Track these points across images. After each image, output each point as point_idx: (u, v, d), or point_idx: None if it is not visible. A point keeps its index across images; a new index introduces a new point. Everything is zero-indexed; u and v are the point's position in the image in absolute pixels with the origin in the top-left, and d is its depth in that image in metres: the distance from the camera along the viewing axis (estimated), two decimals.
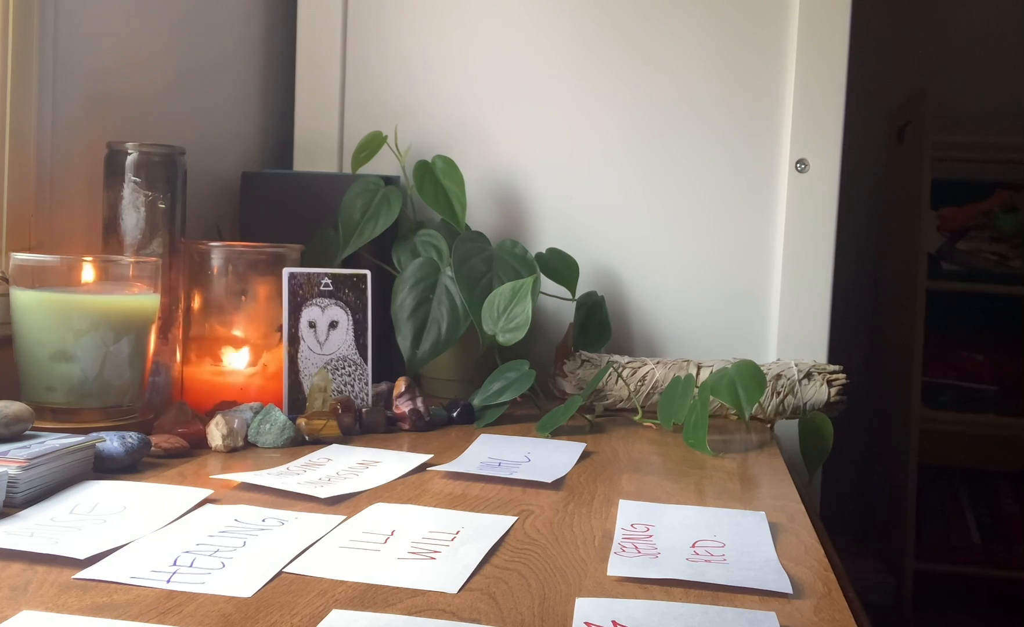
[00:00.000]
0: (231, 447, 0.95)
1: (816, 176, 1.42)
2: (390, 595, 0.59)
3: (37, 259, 0.96)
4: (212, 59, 1.42)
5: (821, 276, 1.42)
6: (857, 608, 0.66)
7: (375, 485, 0.85)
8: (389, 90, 1.51)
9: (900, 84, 2.53)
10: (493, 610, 0.58)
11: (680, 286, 1.47)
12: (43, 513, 0.71)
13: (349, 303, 1.11)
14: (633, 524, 0.76)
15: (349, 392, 1.10)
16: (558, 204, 1.48)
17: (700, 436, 1.05)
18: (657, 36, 1.46)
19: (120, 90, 1.20)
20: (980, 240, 2.40)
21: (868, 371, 2.45)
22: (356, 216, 1.31)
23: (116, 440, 0.84)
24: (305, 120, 1.52)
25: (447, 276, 1.28)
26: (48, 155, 1.07)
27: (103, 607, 0.55)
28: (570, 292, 1.37)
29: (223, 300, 1.12)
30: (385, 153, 1.41)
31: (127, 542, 0.66)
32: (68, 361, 0.92)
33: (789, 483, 0.94)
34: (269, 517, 0.73)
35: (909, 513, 2.25)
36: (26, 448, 0.77)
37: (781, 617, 0.58)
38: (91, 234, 1.12)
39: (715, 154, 1.46)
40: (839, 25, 1.41)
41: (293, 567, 0.63)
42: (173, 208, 1.08)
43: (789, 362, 1.25)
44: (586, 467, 0.97)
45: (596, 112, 1.47)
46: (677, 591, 0.62)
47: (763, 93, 1.44)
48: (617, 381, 1.24)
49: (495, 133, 1.49)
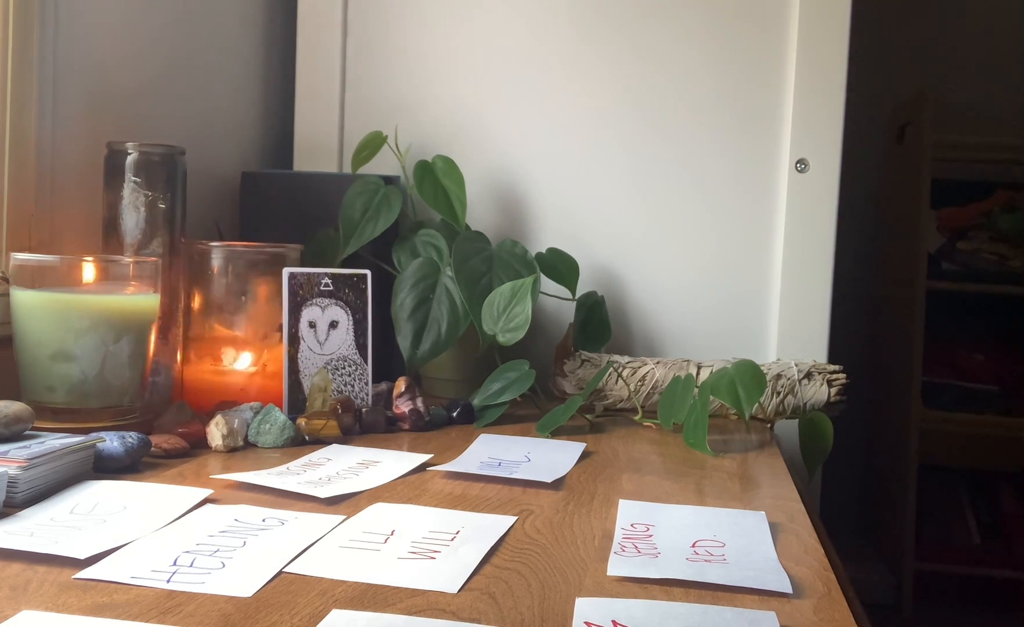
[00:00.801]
0: (231, 447, 0.95)
1: (816, 176, 1.42)
2: (390, 595, 0.59)
3: (37, 259, 0.96)
4: (212, 59, 1.42)
5: (821, 276, 1.42)
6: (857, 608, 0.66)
7: (375, 485, 0.85)
8: (389, 90, 1.51)
9: (900, 84, 2.52)
10: (493, 610, 0.58)
11: (680, 286, 1.47)
12: (43, 513, 0.71)
13: (349, 303, 1.11)
14: (633, 524, 0.76)
15: (349, 392, 1.10)
16: (558, 204, 1.49)
17: (700, 436, 1.05)
18: (657, 36, 1.46)
19: (120, 90, 1.20)
20: (980, 240, 2.40)
21: (868, 371, 2.45)
22: (356, 216, 1.31)
23: (116, 440, 0.84)
24: (305, 120, 1.52)
25: (447, 276, 1.28)
26: (48, 155, 1.07)
27: (103, 607, 0.55)
28: (570, 292, 1.37)
29: (223, 300, 1.12)
30: (385, 153, 1.41)
31: (127, 542, 0.66)
32: (68, 361, 0.92)
33: (789, 483, 0.94)
34: (269, 517, 0.73)
35: (909, 513, 2.25)
36: (26, 448, 0.77)
37: (781, 617, 0.58)
38: (91, 234, 1.12)
39: (715, 154, 1.46)
40: (839, 25, 1.41)
41: (293, 567, 0.63)
42: (173, 208, 1.08)
43: (789, 362, 1.25)
44: (586, 467, 0.97)
45: (596, 112, 1.47)
46: (677, 591, 0.62)
47: (763, 93, 1.44)
48: (617, 381, 1.24)
49: (495, 133, 1.49)
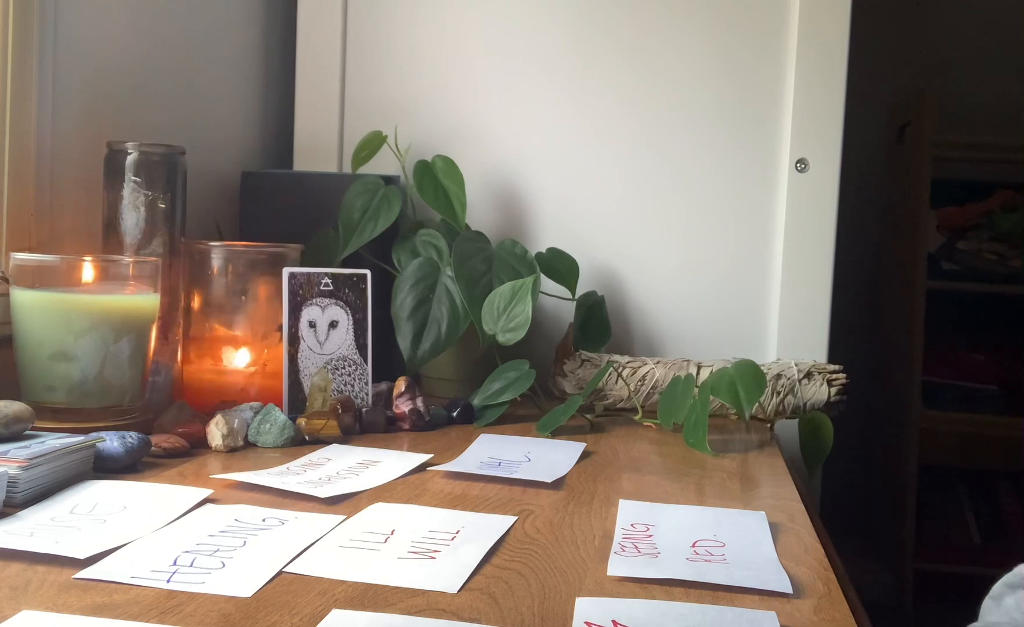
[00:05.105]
0: (231, 447, 0.95)
1: (816, 176, 1.42)
2: (390, 595, 0.59)
3: (37, 259, 0.96)
4: (212, 59, 1.42)
5: (821, 276, 1.42)
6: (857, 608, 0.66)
7: (375, 485, 0.85)
8: (389, 90, 1.51)
9: (900, 84, 2.52)
10: (493, 610, 0.58)
11: (680, 285, 1.46)
12: (43, 513, 0.71)
13: (349, 303, 1.11)
14: (633, 524, 0.76)
15: (349, 392, 1.10)
16: (558, 204, 1.48)
17: (700, 436, 1.05)
18: (658, 36, 1.46)
19: (120, 90, 1.20)
20: (980, 240, 2.40)
21: (868, 371, 2.45)
22: (356, 216, 1.31)
23: (116, 440, 0.84)
24: (305, 120, 1.52)
25: (447, 276, 1.28)
26: (48, 155, 1.07)
27: (103, 607, 0.55)
28: (570, 292, 1.37)
29: (223, 300, 1.12)
30: (385, 153, 1.41)
31: (127, 542, 0.66)
32: (68, 361, 0.92)
33: (789, 483, 0.94)
34: (269, 517, 0.73)
35: (909, 513, 2.25)
36: (26, 448, 0.77)
37: (781, 617, 0.58)
38: (91, 234, 1.12)
39: (715, 153, 1.45)
40: (839, 25, 1.41)
41: (293, 567, 0.63)
42: (173, 208, 1.08)
43: (789, 362, 1.25)
44: (586, 467, 0.97)
45: (596, 111, 1.47)
46: (677, 591, 0.62)
47: (763, 93, 1.44)
48: (617, 381, 1.24)
49: (495, 133, 1.49)
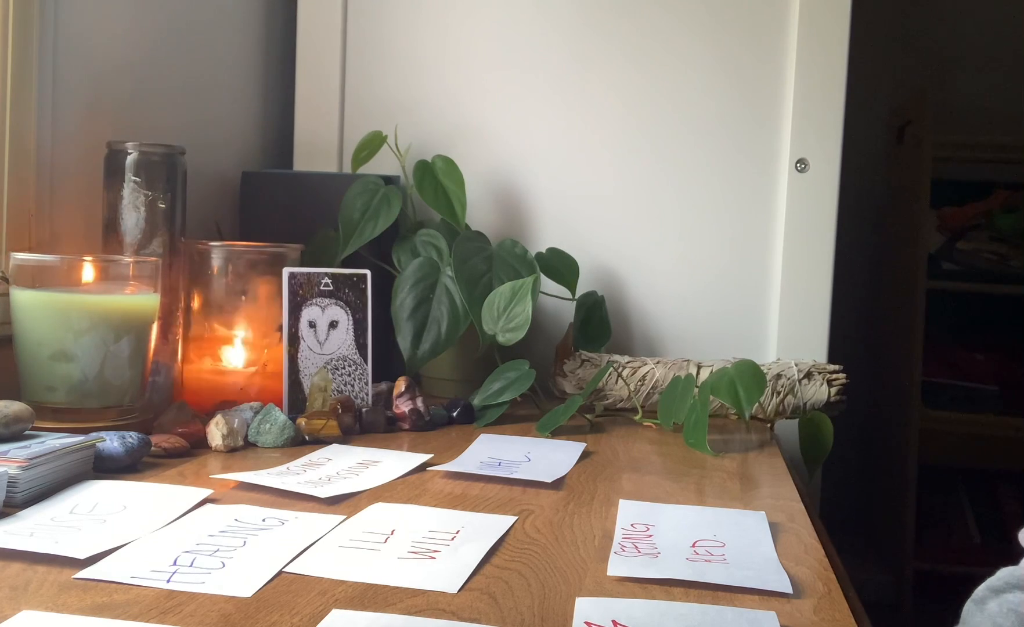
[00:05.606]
0: (231, 447, 0.95)
1: (816, 176, 1.42)
2: (390, 595, 0.59)
3: (37, 259, 0.96)
4: (212, 59, 1.42)
5: (821, 276, 1.42)
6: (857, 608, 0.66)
7: (375, 485, 0.85)
8: (389, 90, 1.51)
9: (900, 84, 2.52)
10: (493, 610, 0.58)
11: (680, 286, 1.47)
12: (43, 513, 0.71)
13: (349, 303, 1.11)
14: (633, 524, 0.76)
15: (349, 392, 1.10)
16: (558, 204, 1.48)
17: (700, 436, 1.05)
18: (657, 36, 1.46)
19: (120, 90, 1.20)
20: (980, 240, 2.40)
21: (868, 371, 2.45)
22: (356, 216, 1.31)
23: (116, 440, 0.84)
24: (305, 120, 1.52)
25: (447, 276, 1.28)
26: (48, 155, 1.07)
27: (103, 607, 0.55)
28: (570, 292, 1.37)
29: (223, 300, 1.12)
30: (385, 153, 1.41)
31: (127, 542, 0.66)
32: (68, 361, 0.92)
33: (789, 483, 0.94)
34: (269, 517, 0.73)
35: (909, 513, 2.25)
36: (26, 448, 0.77)
37: (781, 617, 0.58)
38: (91, 234, 1.12)
39: (715, 154, 1.45)
40: (839, 25, 1.41)
41: (293, 567, 0.63)
42: (173, 208, 1.08)
43: (789, 362, 1.25)
44: (586, 467, 0.97)
45: (596, 111, 1.47)
46: (677, 591, 0.62)
47: (763, 93, 1.44)
48: (617, 381, 1.24)
49: (495, 133, 1.49)
